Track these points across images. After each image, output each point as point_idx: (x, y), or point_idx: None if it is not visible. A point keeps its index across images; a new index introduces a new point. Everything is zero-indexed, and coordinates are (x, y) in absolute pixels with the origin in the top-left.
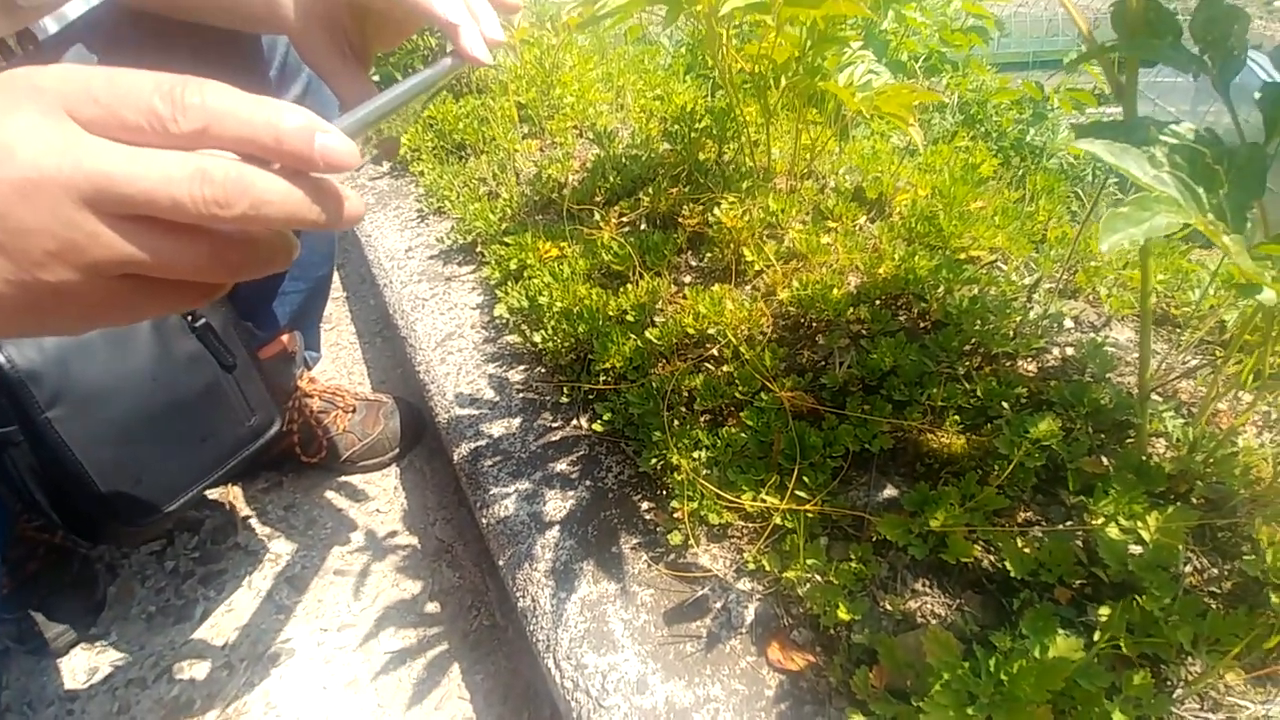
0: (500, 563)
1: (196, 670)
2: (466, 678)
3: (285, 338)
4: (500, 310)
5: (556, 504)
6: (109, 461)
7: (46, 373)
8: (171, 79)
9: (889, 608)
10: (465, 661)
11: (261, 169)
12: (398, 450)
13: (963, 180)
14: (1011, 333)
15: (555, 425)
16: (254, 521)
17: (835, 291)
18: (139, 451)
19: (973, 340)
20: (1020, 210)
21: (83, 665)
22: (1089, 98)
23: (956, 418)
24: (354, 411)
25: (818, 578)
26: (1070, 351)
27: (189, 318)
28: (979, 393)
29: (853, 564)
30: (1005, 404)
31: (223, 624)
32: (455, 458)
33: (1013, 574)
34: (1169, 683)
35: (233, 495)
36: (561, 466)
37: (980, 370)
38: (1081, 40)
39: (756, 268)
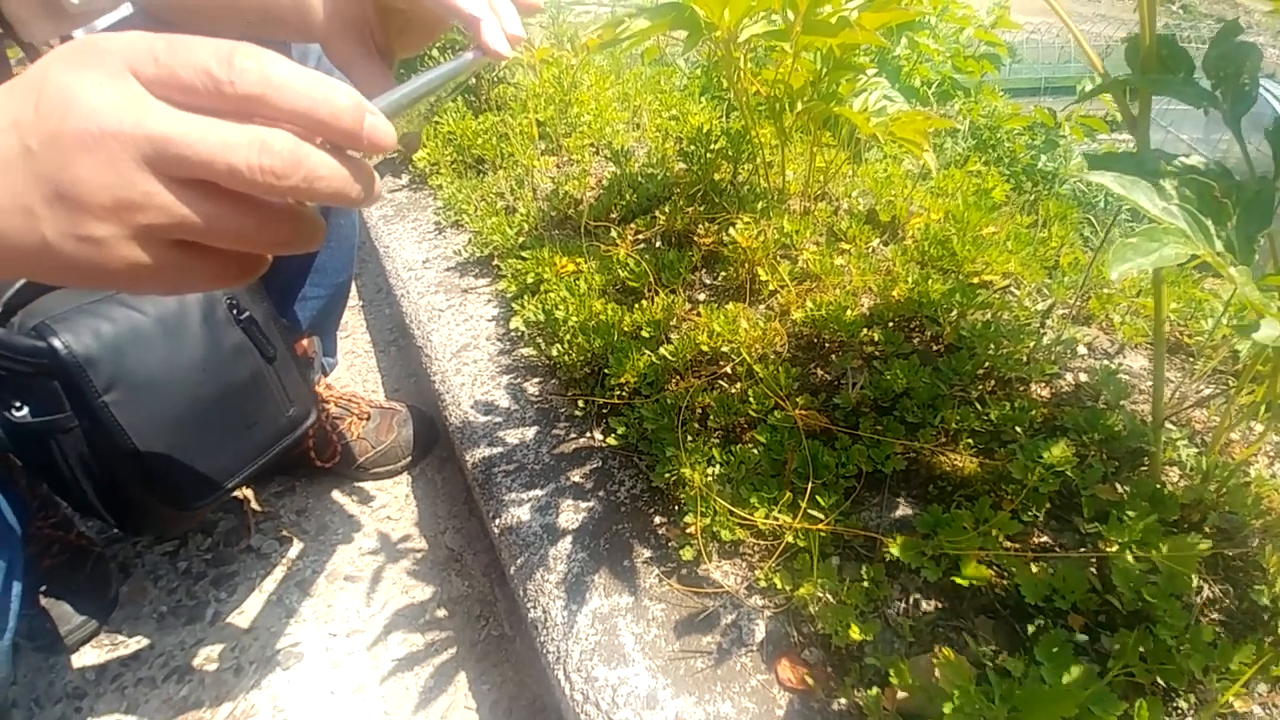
0: (511, 571)
1: (206, 671)
2: (473, 687)
3: (305, 342)
4: (516, 323)
5: (569, 515)
6: (164, 446)
7: (103, 359)
8: (230, 44)
9: (900, 630)
10: (472, 671)
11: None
12: (410, 458)
13: (976, 205)
14: (1025, 358)
15: (569, 437)
16: (266, 525)
17: (849, 313)
18: (191, 438)
19: (986, 364)
20: (1033, 236)
21: (93, 663)
22: (1101, 125)
23: (970, 441)
24: (368, 419)
25: (829, 597)
26: (1083, 378)
27: (234, 310)
28: (992, 416)
29: (865, 584)
30: (1019, 428)
31: (233, 626)
32: (468, 466)
33: (1026, 599)
34: (1179, 710)
35: (246, 498)
36: (575, 478)
37: (993, 394)
38: (1090, 70)
39: (770, 287)
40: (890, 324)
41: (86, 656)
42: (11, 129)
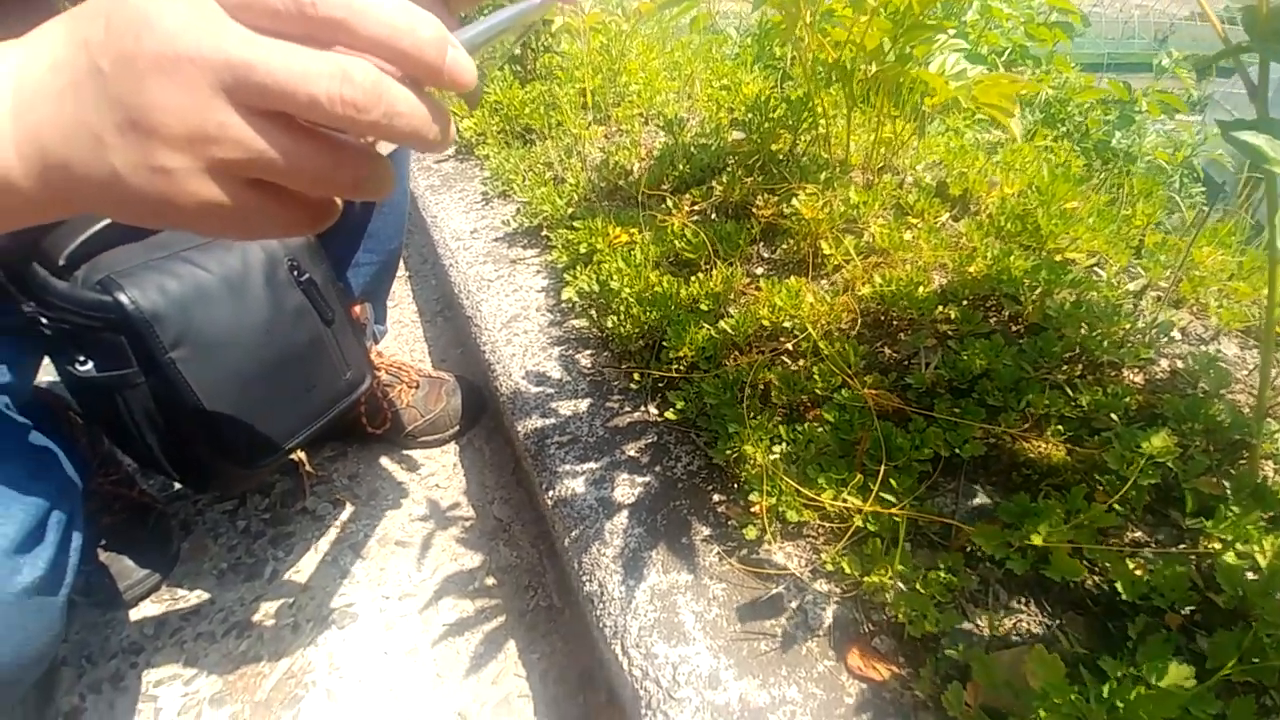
0: (565, 544)
1: (264, 627)
2: (523, 656)
3: (357, 309)
4: (569, 294)
5: (625, 490)
6: (228, 404)
7: (170, 315)
8: None
9: (980, 623)
10: (522, 640)
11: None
12: (458, 428)
13: (1063, 178)
14: (1119, 340)
15: (623, 410)
16: (320, 488)
17: (921, 289)
18: (254, 397)
19: (1075, 347)
20: (1115, 213)
21: (151, 618)
22: (1179, 103)
23: (1059, 428)
24: (417, 387)
25: (901, 585)
26: (1178, 364)
27: (295, 272)
28: (1083, 402)
29: (941, 574)
30: (1114, 416)
31: (290, 584)
32: (520, 436)
33: (1124, 597)
34: (1266, 707)
35: (301, 461)
36: (630, 452)
37: (1082, 379)
38: (1158, 45)
39: (834, 262)
40: (965, 302)
41: (145, 612)
42: (81, 49)
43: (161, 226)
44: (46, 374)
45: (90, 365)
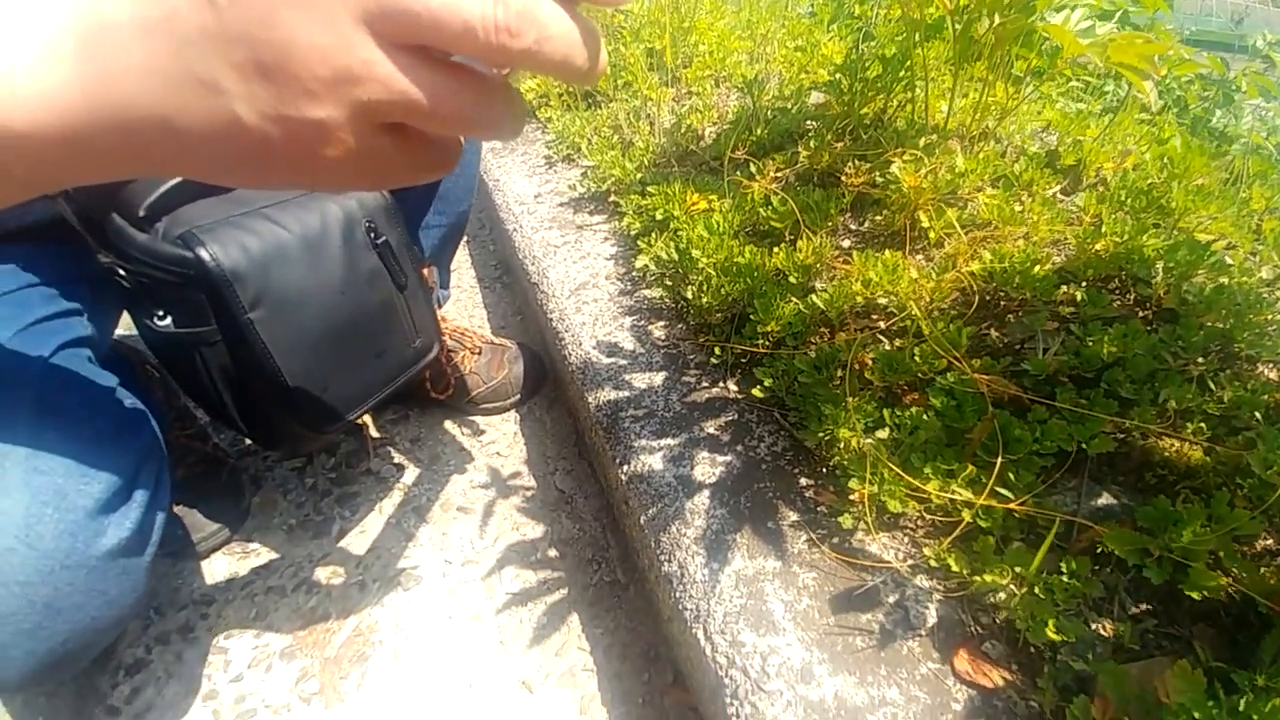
0: (641, 521)
1: (332, 584)
2: (586, 629)
3: (425, 271)
4: (643, 262)
5: (705, 469)
6: (302, 367)
7: (250, 274)
8: None
9: (1104, 632)
10: (585, 614)
11: None
12: (519, 396)
13: (1198, 150)
14: (1260, 332)
15: (701, 385)
16: (383, 450)
17: (1038, 267)
18: (327, 360)
19: (1218, 337)
20: (1234, 195)
21: (222, 571)
22: (1274, 86)
23: (1202, 425)
24: (480, 354)
25: (1014, 588)
26: None
27: (372, 234)
28: (1225, 399)
29: (1065, 578)
30: (1257, 414)
31: (356, 544)
32: (591, 408)
33: (1260, 608)
34: None
35: (365, 423)
36: (710, 429)
37: (1222, 372)
38: (1235, 25)
39: (934, 235)
40: (1086, 283)
41: (216, 564)
42: None
43: (272, 186)
44: (122, 327)
45: (169, 320)
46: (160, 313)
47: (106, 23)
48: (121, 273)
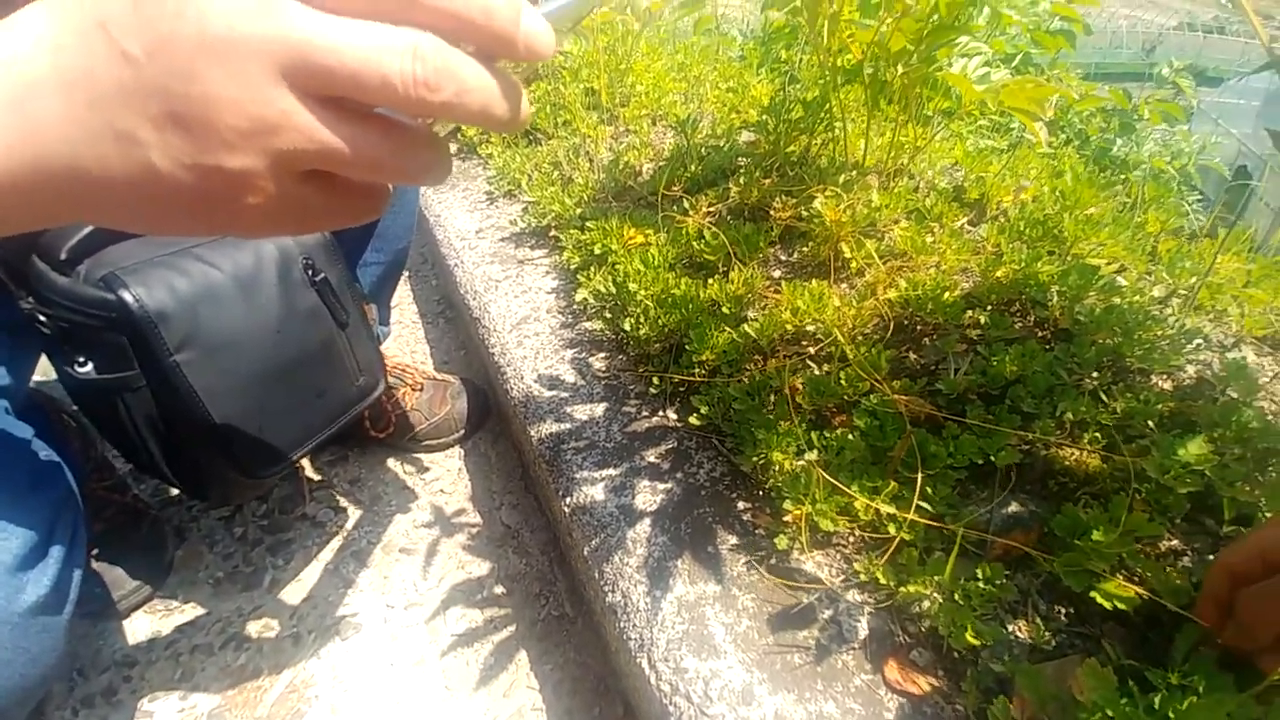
0: (584, 552)
1: (264, 639)
2: (535, 667)
3: (365, 308)
4: (583, 295)
5: (646, 497)
6: (235, 411)
7: (176, 316)
8: None
9: (1020, 634)
10: (533, 650)
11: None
12: (463, 431)
13: (1086, 183)
14: (1149, 346)
15: (641, 415)
16: (321, 493)
17: (947, 294)
18: (263, 402)
19: (1109, 353)
20: (1129, 220)
21: (145, 630)
22: (1178, 110)
23: (1096, 435)
24: (421, 390)
25: (938, 596)
26: (1204, 371)
27: (310, 271)
28: (1118, 409)
29: (981, 584)
30: (1149, 423)
31: (290, 594)
32: (534, 441)
33: (1169, 606)
34: None
35: (300, 466)
36: (650, 458)
37: (1115, 385)
38: (1146, 54)
39: (855, 265)
40: (991, 307)
41: (138, 623)
42: (97, 30)
43: (194, 234)
44: (40, 374)
45: (90, 366)
46: (81, 359)
47: (28, 79)
48: (42, 318)
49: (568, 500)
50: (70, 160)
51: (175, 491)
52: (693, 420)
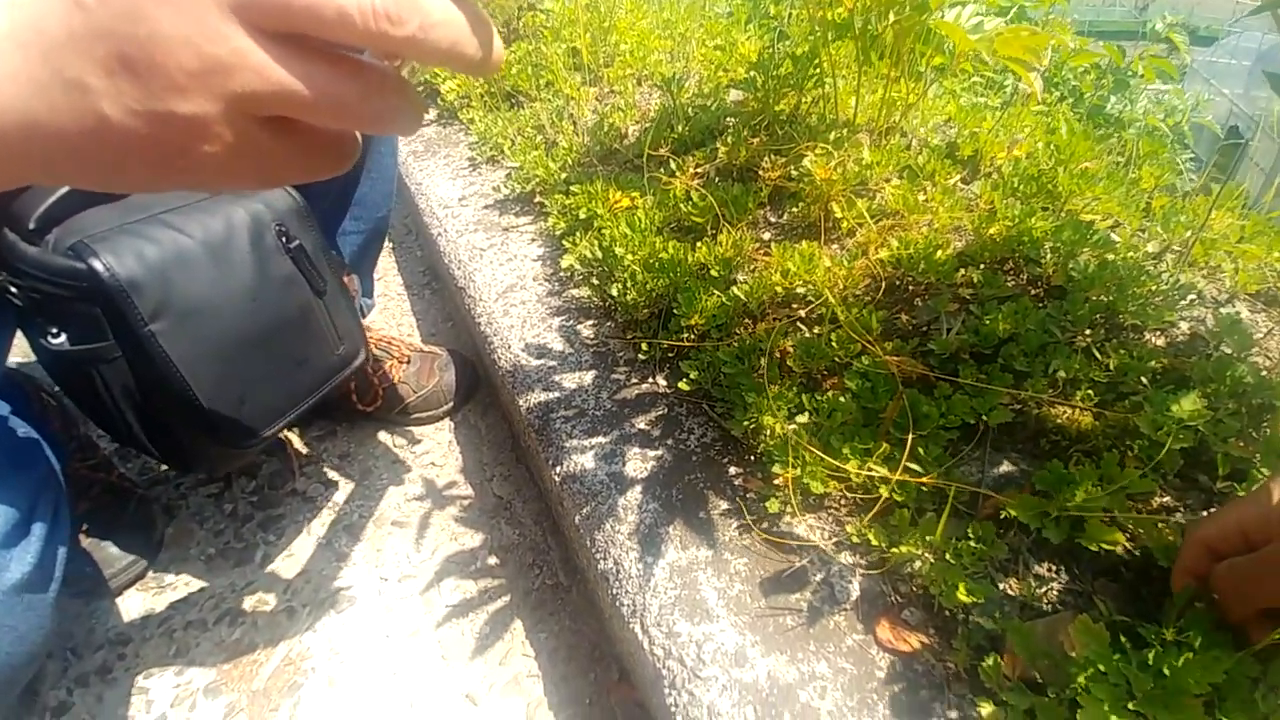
0: (575, 521)
1: (258, 613)
2: (530, 635)
3: (347, 279)
4: (569, 261)
5: (636, 464)
6: (213, 380)
7: (148, 284)
8: None
9: (1011, 592)
10: (528, 619)
11: None
12: (452, 404)
13: (1081, 136)
14: (1143, 303)
15: (630, 382)
16: (310, 469)
17: (940, 252)
18: (241, 371)
19: (1102, 309)
20: (1123, 176)
21: (138, 607)
22: (1171, 68)
23: (1089, 392)
24: (408, 363)
25: (929, 556)
26: (1198, 327)
27: (283, 238)
28: (1111, 366)
29: (972, 543)
30: (1143, 379)
31: (283, 569)
32: (522, 411)
33: (1160, 562)
34: None
35: (289, 440)
36: (640, 425)
37: (1108, 342)
38: (1139, 12)
39: (846, 225)
40: (984, 265)
41: (131, 601)
42: None
43: (154, 187)
44: (21, 355)
45: (63, 338)
46: (54, 330)
47: None
48: (13, 290)
49: (558, 469)
50: (23, 114)
51: (163, 469)
52: (682, 386)
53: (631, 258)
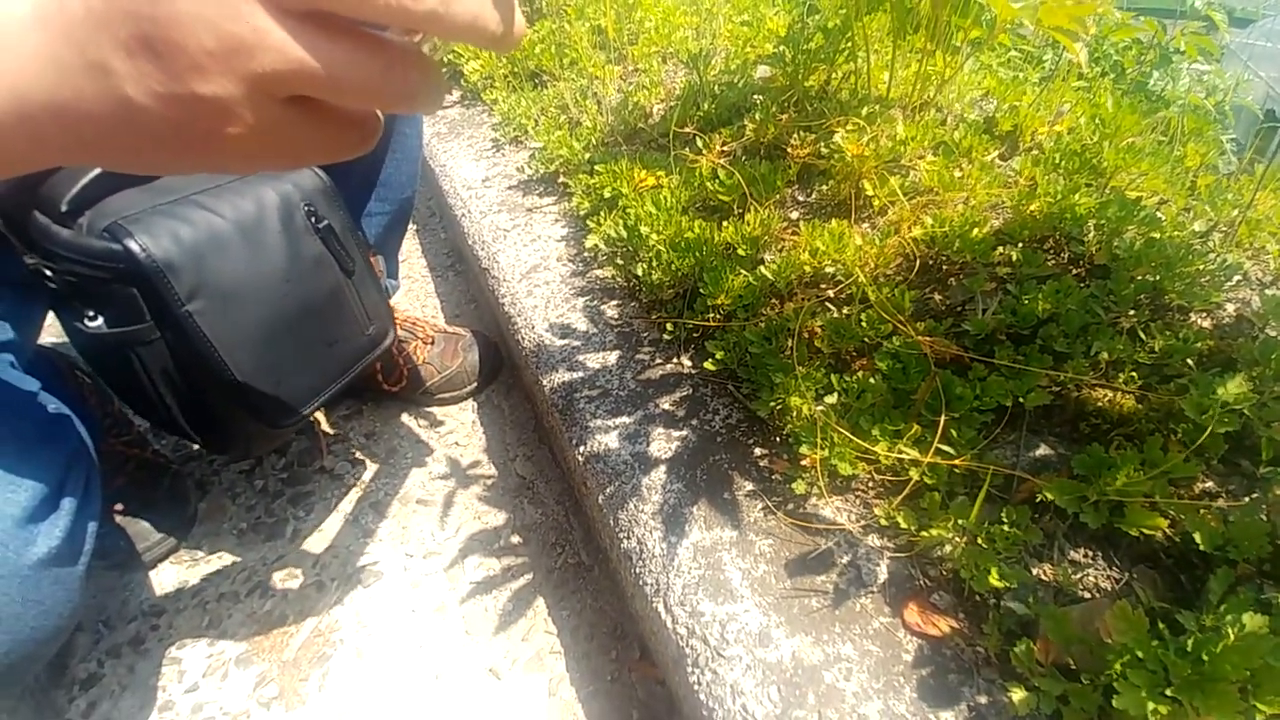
0: (599, 500)
1: (289, 587)
2: (553, 612)
3: (372, 260)
4: (592, 241)
5: (661, 444)
6: (250, 360)
7: (184, 265)
8: None
9: (1045, 578)
10: (550, 597)
11: None
12: (476, 384)
13: (1129, 109)
14: (1190, 282)
15: (654, 362)
16: (337, 447)
17: (976, 230)
18: (277, 352)
19: (1148, 290)
20: (1168, 153)
21: (171, 580)
22: (1213, 46)
23: (1133, 374)
24: (433, 343)
25: (958, 540)
26: (1243, 308)
27: (312, 219)
28: (1156, 348)
29: (1006, 527)
30: (1189, 362)
31: (312, 544)
32: (546, 391)
33: (1202, 548)
34: None
35: (317, 419)
36: (664, 405)
37: (1153, 323)
38: None
39: (878, 203)
40: (1023, 243)
41: (165, 574)
42: None
43: (179, 170)
44: (53, 335)
45: (100, 321)
46: (90, 313)
47: (9, 18)
48: (48, 273)
49: (581, 449)
50: (48, 96)
51: (195, 447)
52: (708, 366)
53: (657, 237)
